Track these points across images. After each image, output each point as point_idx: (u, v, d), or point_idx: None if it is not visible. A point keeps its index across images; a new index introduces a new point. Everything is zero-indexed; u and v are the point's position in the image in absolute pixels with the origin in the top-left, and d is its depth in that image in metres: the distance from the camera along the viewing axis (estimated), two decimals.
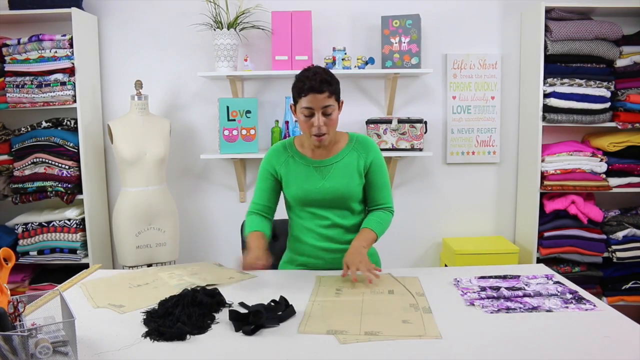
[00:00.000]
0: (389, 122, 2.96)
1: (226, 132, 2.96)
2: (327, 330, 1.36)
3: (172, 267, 1.97)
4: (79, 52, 2.90)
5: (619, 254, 2.95)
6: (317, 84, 1.73)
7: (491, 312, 1.47)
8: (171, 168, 3.22)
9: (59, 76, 2.90)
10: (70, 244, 2.98)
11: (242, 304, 1.53)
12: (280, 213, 2.12)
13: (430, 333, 1.33)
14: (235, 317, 1.40)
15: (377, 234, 1.87)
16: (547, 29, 2.90)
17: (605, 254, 2.98)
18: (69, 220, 2.98)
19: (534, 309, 1.48)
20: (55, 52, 2.89)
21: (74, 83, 2.91)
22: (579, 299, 1.55)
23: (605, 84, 2.91)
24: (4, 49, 2.91)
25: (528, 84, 3.09)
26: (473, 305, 1.52)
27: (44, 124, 3.00)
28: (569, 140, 3.13)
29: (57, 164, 2.94)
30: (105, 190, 3.26)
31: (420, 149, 2.98)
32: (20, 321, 1.23)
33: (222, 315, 1.46)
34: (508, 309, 1.48)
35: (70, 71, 2.90)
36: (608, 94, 2.92)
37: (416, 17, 2.94)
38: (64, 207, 3.07)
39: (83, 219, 3.01)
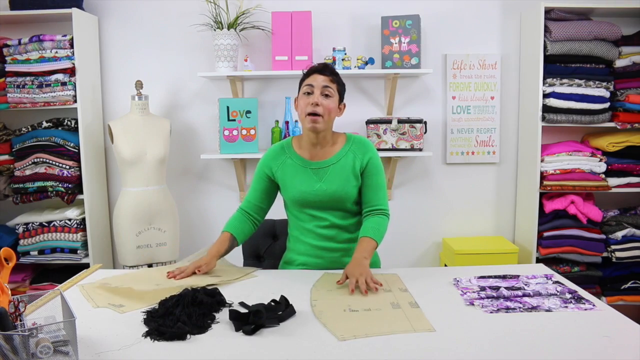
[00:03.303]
0: (389, 122, 2.97)
1: (226, 132, 2.97)
2: (343, 309, 1.47)
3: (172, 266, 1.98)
4: (79, 53, 2.91)
5: (618, 254, 2.96)
6: (321, 67, 1.85)
7: (491, 312, 1.47)
8: (171, 168, 3.22)
9: (60, 76, 2.90)
10: (70, 243, 2.99)
11: (242, 304, 1.53)
12: (281, 213, 2.13)
13: (421, 327, 1.37)
14: (235, 317, 1.40)
15: (377, 241, 1.84)
16: (546, 30, 2.90)
17: (605, 254, 2.99)
18: (70, 220, 2.98)
19: (534, 308, 1.49)
20: (56, 52, 2.90)
21: (75, 83, 2.92)
22: (578, 299, 1.56)
23: (604, 84, 2.92)
24: (4, 50, 2.92)
25: (527, 84, 3.10)
26: (473, 305, 1.53)
27: (45, 124, 3.01)
28: (569, 140, 3.14)
29: (57, 164, 2.95)
30: (106, 190, 3.26)
31: (420, 149, 2.99)
32: (21, 321, 1.23)
33: (222, 315, 1.46)
34: (507, 309, 1.48)
35: (71, 71, 2.90)
36: (607, 94, 2.92)
37: (416, 18, 2.94)
38: (64, 207, 3.07)
39: (83, 219, 3.01)
